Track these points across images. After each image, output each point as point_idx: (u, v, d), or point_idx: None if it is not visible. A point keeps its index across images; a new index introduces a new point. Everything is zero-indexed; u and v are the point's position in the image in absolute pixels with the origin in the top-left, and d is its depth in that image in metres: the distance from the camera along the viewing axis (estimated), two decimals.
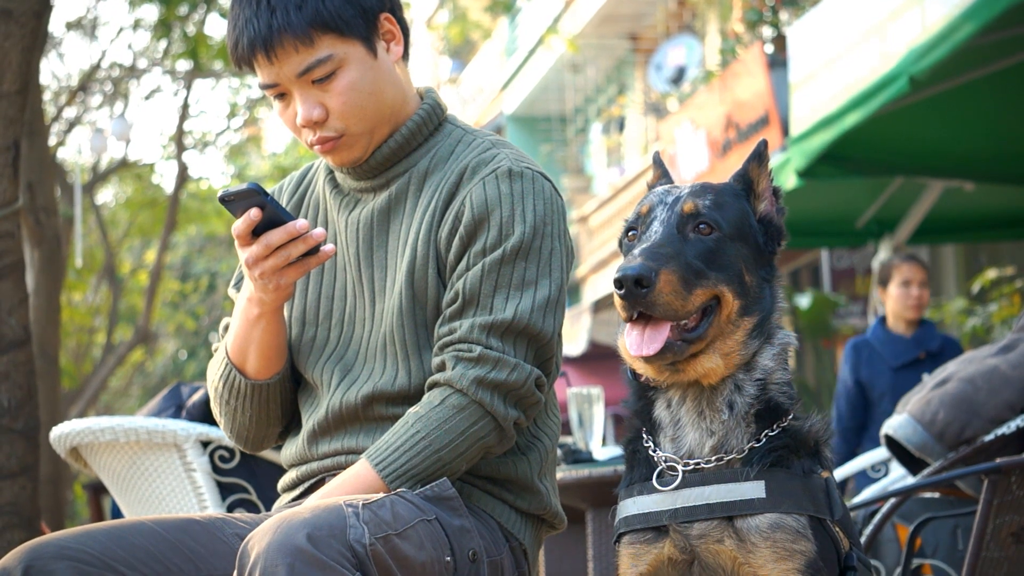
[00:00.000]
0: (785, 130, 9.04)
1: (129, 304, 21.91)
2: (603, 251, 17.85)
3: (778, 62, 9.94)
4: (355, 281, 2.53)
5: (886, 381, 6.26)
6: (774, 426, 2.23)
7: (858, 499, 4.45)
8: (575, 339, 16.43)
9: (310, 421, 2.52)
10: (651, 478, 2.25)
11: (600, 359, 15.79)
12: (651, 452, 2.27)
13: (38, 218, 9.83)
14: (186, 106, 16.37)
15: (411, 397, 2.43)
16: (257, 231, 2.38)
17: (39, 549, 2.28)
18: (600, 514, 3.86)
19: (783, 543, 2.16)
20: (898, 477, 4.74)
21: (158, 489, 4.00)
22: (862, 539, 3.76)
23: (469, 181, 2.45)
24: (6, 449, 3.81)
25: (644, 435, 2.29)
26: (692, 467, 2.23)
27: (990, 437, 3.62)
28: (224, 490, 3.97)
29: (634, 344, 2.19)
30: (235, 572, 2.16)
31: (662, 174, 2.43)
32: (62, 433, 4.05)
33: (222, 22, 13.35)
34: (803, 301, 11.08)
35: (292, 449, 2.57)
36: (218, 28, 15.14)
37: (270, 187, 2.59)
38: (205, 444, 3.95)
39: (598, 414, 4.02)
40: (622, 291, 2.15)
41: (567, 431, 4.68)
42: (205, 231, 23.88)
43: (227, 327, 2.60)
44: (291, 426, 2.63)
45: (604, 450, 4.02)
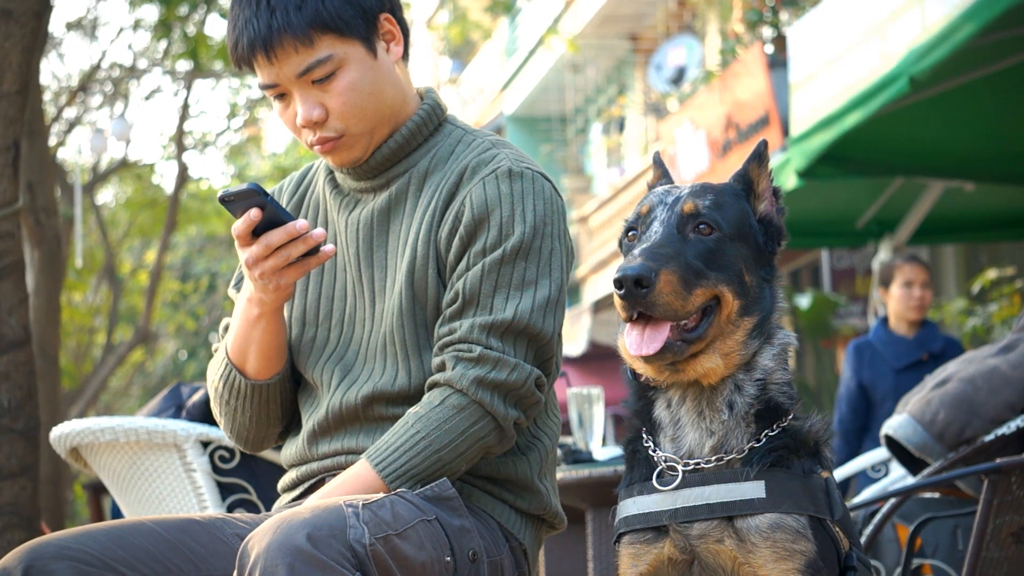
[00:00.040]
0: (785, 130, 9.04)
1: (129, 304, 21.91)
2: (603, 251, 17.85)
3: (778, 62, 9.93)
4: (355, 281, 2.53)
5: (888, 383, 6.21)
6: (774, 426, 2.23)
7: (858, 499, 4.45)
8: (575, 339, 16.43)
9: (310, 421, 2.52)
10: (651, 478, 2.25)
11: (600, 359, 15.79)
12: (651, 452, 2.27)
13: (38, 218, 9.82)
14: (186, 106, 16.37)
15: (411, 397, 2.43)
16: (257, 231, 2.38)
17: (39, 549, 2.28)
18: (600, 514, 3.86)
19: (783, 543, 2.16)
20: (898, 477, 4.74)
21: (158, 489, 4.00)
22: (862, 539, 3.76)
23: (469, 181, 2.45)
24: (6, 449, 3.81)
25: (644, 435, 2.29)
26: (692, 467, 2.22)
27: (990, 437, 3.61)
28: (224, 490, 3.97)
29: (634, 344, 2.19)
30: (235, 572, 2.16)
31: (662, 174, 2.43)
32: (62, 433, 4.05)
33: (222, 22, 13.35)
34: (803, 301, 11.08)
35: (292, 449, 2.57)
36: (218, 28, 15.16)
37: (270, 187, 2.59)
38: (205, 444, 3.95)
39: (598, 414, 4.02)
40: (622, 291, 2.15)
41: (567, 431, 4.68)
42: (205, 231, 23.88)
43: (227, 327, 2.60)
44: (291, 426, 2.63)
45: (604, 450, 4.02)
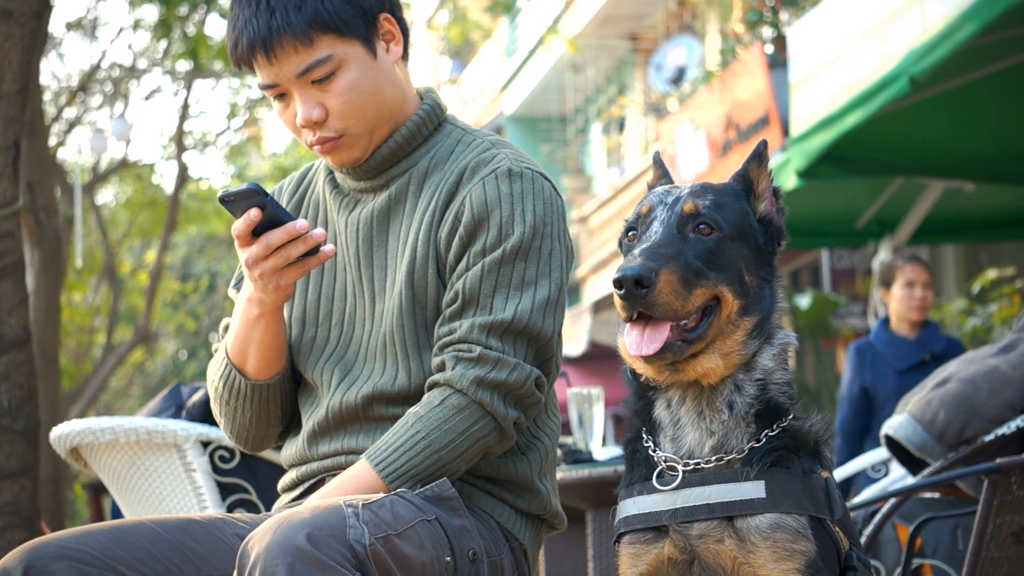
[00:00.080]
0: (785, 130, 9.04)
1: (129, 304, 21.91)
2: (603, 251, 17.85)
3: (778, 62, 9.93)
4: (355, 281, 2.53)
5: (891, 384, 6.15)
6: (774, 426, 2.23)
7: (858, 499, 4.45)
8: (575, 339, 16.43)
9: (310, 421, 2.52)
10: (651, 478, 2.25)
11: (600, 359, 15.79)
12: (651, 452, 2.27)
13: (38, 218, 9.82)
14: (186, 106, 16.37)
15: (411, 397, 2.43)
16: (257, 231, 2.38)
17: (39, 549, 2.28)
18: (600, 514, 3.86)
19: (783, 543, 2.16)
20: (898, 477, 4.74)
21: (158, 489, 4.00)
22: (862, 539, 3.76)
23: (469, 181, 2.45)
24: (6, 449, 3.81)
25: (644, 435, 2.29)
26: (692, 467, 2.22)
27: (990, 437, 3.62)
28: (224, 490, 3.97)
29: (634, 344, 2.19)
30: (235, 572, 2.16)
31: (662, 174, 2.43)
32: (62, 433, 4.05)
33: (222, 22, 13.35)
34: (803, 301, 11.08)
35: (292, 449, 2.57)
36: (218, 28, 15.16)
37: (270, 187, 2.59)
38: (205, 444, 3.95)
39: (598, 414, 4.02)
40: (622, 291, 2.15)
41: (567, 431, 4.67)
42: (205, 231, 23.89)
43: (227, 327, 2.60)
44: (291, 426, 2.63)
45: (604, 450, 4.02)
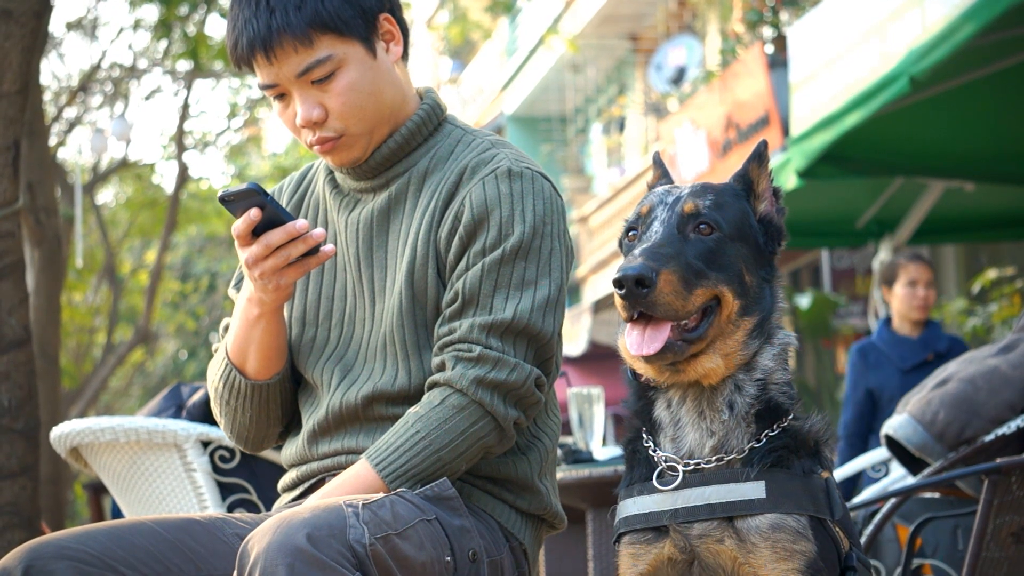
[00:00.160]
0: (785, 130, 9.04)
1: (129, 304, 21.91)
2: (603, 251, 17.85)
3: (778, 62, 9.93)
4: (355, 281, 2.53)
5: (895, 384, 6.09)
6: (774, 426, 2.23)
7: (858, 499, 4.45)
8: (575, 339, 16.43)
9: (310, 421, 2.52)
10: (651, 478, 2.25)
11: (600, 359, 15.79)
12: (651, 452, 2.27)
13: (38, 218, 9.82)
14: (186, 106, 16.38)
15: (411, 397, 2.43)
16: (257, 231, 2.38)
17: (39, 549, 2.28)
18: (600, 514, 3.86)
19: (783, 543, 2.16)
20: (898, 477, 4.74)
21: (158, 489, 4.00)
22: (862, 539, 3.76)
23: (469, 181, 2.45)
24: (6, 449, 3.81)
25: (644, 435, 2.29)
26: (692, 467, 2.22)
27: (990, 437, 3.61)
28: (224, 490, 3.97)
29: (634, 344, 2.19)
30: (235, 572, 2.16)
31: (662, 174, 2.43)
32: (62, 433, 4.05)
33: (222, 22, 13.35)
34: (803, 301, 11.09)
35: (292, 449, 2.57)
36: (218, 28, 15.15)
37: (270, 187, 2.59)
38: (205, 444, 3.95)
39: (598, 414, 4.02)
40: (622, 291, 2.15)
41: (567, 431, 4.68)
42: (205, 231, 23.89)
43: (227, 327, 2.60)
44: (291, 426, 2.63)
45: (604, 450, 4.02)
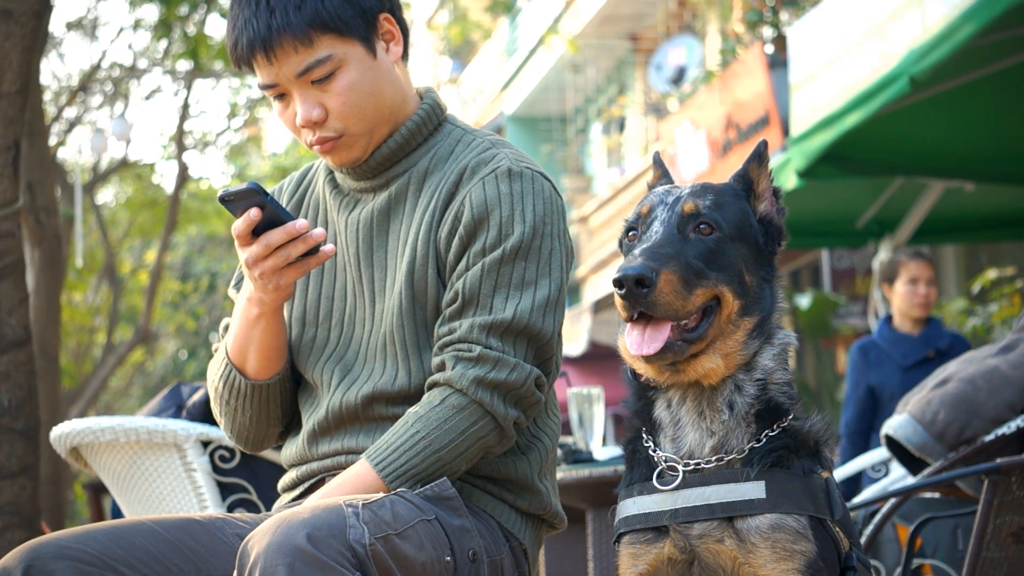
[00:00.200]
0: (785, 130, 9.04)
1: (129, 304, 21.92)
2: (603, 251, 17.85)
3: (778, 62, 9.93)
4: (355, 281, 2.53)
5: (896, 381, 6.06)
6: (774, 426, 2.23)
7: (858, 499, 4.45)
8: (575, 339, 16.42)
9: (310, 421, 2.52)
10: (651, 478, 2.25)
11: (600, 359, 15.79)
12: (651, 452, 2.27)
13: (38, 218, 9.82)
14: (186, 106, 16.38)
15: (411, 397, 2.43)
16: (257, 231, 2.38)
17: (39, 549, 2.28)
18: (600, 514, 3.86)
19: (783, 543, 2.16)
20: (898, 477, 4.74)
21: (158, 489, 4.00)
22: (862, 539, 3.76)
23: (469, 181, 2.45)
24: (6, 449, 3.81)
25: (644, 435, 2.29)
26: (692, 467, 2.22)
27: (990, 437, 3.62)
28: (224, 490, 3.97)
29: (634, 344, 2.19)
30: (235, 572, 2.16)
31: (662, 174, 2.43)
32: (62, 433, 4.05)
33: (222, 22, 13.35)
34: (803, 301, 11.09)
35: (292, 449, 2.57)
36: (218, 28, 15.15)
37: (270, 187, 2.59)
38: (205, 444, 3.95)
39: (598, 414, 4.02)
40: (623, 291, 2.15)
41: (567, 431, 4.68)
42: (205, 231, 23.90)
43: (227, 327, 2.60)
44: (291, 426, 2.63)
45: (604, 450, 4.02)
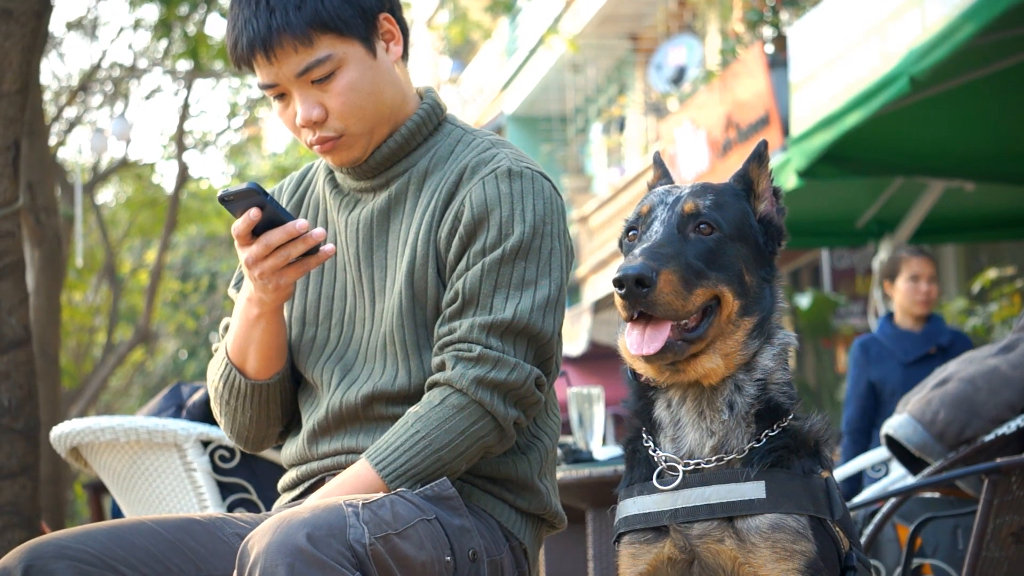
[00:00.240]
0: (785, 130, 9.04)
1: (129, 304, 21.92)
2: (603, 251, 17.85)
3: (778, 62, 9.93)
4: (355, 281, 2.53)
5: (898, 378, 6.06)
6: (774, 426, 2.23)
7: (858, 499, 4.45)
8: (575, 339, 16.42)
9: (310, 421, 2.52)
10: (651, 478, 2.25)
11: (600, 359, 15.79)
12: (651, 452, 2.27)
13: (38, 218, 9.82)
14: (186, 106, 16.38)
15: (411, 397, 2.43)
16: (257, 231, 2.38)
17: (39, 549, 2.28)
18: (600, 514, 3.86)
19: (783, 543, 2.16)
20: (898, 477, 4.74)
21: (158, 489, 4.00)
22: (862, 539, 3.76)
23: (469, 181, 2.45)
24: (6, 449, 3.81)
25: (644, 435, 2.29)
26: (692, 467, 2.22)
27: (990, 437, 3.62)
28: (224, 490, 3.97)
29: (634, 344, 2.19)
30: (235, 572, 2.16)
31: (662, 174, 2.43)
32: (62, 433, 4.05)
33: (222, 22, 13.35)
34: (803, 301, 11.09)
35: (292, 449, 2.57)
36: (218, 28, 15.15)
37: (270, 187, 2.59)
38: (205, 444, 3.95)
39: (598, 414, 4.02)
40: (623, 291, 2.15)
41: (567, 431, 4.68)
42: (205, 231, 23.90)
43: (227, 327, 2.60)
44: (291, 426, 2.63)
45: (604, 450, 4.02)
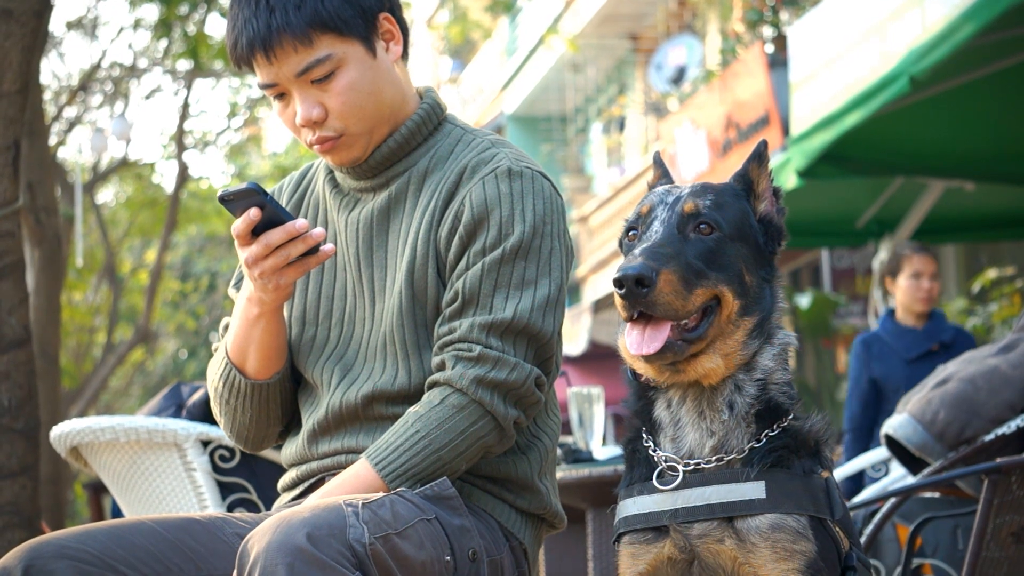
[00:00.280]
0: (785, 130, 9.04)
1: (129, 304, 21.92)
2: (603, 251, 17.85)
3: (778, 62, 9.93)
4: (355, 281, 2.53)
5: (900, 374, 6.03)
6: (774, 426, 2.23)
7: (858, 499, 4.45)
8: (575, 339, 16.42)
9: (310, 421, 2.52)
10: (651, 478, 2.25)
11: (600, 359, 15.79)
12: (651, 452, 2.27)
13: (38, 218, 9.82)
14: (186, 106, 16.39)
15: (411, 396, 2.43)
16: (257, 231, 2.38)
17: (39, 548, 2.28)
18: (600, 514, 3.86)
19: (783, 543, 2.16)
20: (898, 477, 4.74)
21: (158, 488, 4.00)
22: (862, 539, 3.76)
23: (469, 180, 2.45)
24: (6, 449, 3.81)
25: (644, 435, 2.29)
26: (692, 467, 2.22)
27: (990, 437, 3.62)
28: (224, 489, 3.97)
29: (634, 344, 2.19)
30: (235, 571, 2.16)
31: (662, 174, 2.43)
32: (62, 432, 4.05)
33: (222, 22, 13.36)
34: (803, 301, 11.09)
35: (292, 449, 2.57)
36: (218, 28, 15.14)
37: (270, 187, 2.59)
38: (205, 443, 3.95)
39: (598, 414, 4.02)
40: (623, 291, 2.15)
41: (567, 431, 4.67)
42: (205, 231, 23.90)
43: (227, 327, 2.60)
44: (291, 426, 2.63)
45: (604, 450, 4.02)
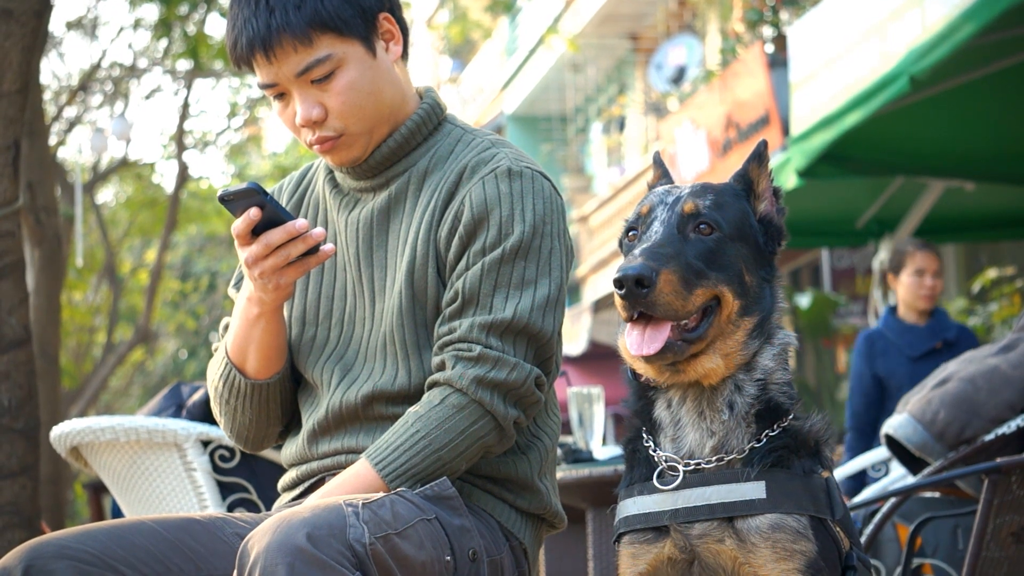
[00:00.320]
0: (785, 130, 9.04)
1: (129, 304, 21.92)
2: (603, 251, 17.85)
3: (778, 62, 9.93)
4: (355, 281, 2.53)
5: (904, 372, 5.96)
6: (774, 426, 2.23)
7: (858, 499, 4.45)
8: (575, 339, 16.43)
9: (310, 421, 2.52)
10: (651, 478, 2.25)
11: (600, 359, 15.79)
12: (651, 452, 2.27)
13: (38, 217, 9.82)
14: (186, 106, 16.39)
15: (411, 396, 2.43)
16: (257, 230, 2.38)
17: (39, 548, 2.28)
18: (600, 514, 3.86)
19: (783, 543, 2.16)
20: (898, 477, 4.74)
21: (158, 489, 4.00)
22: (862, 539, 3.76)
23: (468, 180, 2.45)
24: (6, 449, 3.82)
25: (644, 435, 2.29)
26: (692, 467, 2.22)
27: (990, 437, 3.62)
28: (224, 489, 3.97)
29: (634, 344, 2.19)
30: (235, 571, 2.16)
31: (662, 174, 2.43)
32: (62, 432, 4.05)
33: (222, 22, 13.36)
34: (803, 301, 11.09)
35: (292, 449, 2.57)
36: (218, 28, 15.15)
37: (270, 187, 2.59)
38: (205, 443, 3.96)
39: (598, 414, 4.02)
40: (622, 291, 2.15)
41: (567, 431, 4.68)
42: (205, 231, 23.91)
43: (227, 327, 2.60)
44: (291, 426, 2.63)
45: (604, 450, 4.02)
